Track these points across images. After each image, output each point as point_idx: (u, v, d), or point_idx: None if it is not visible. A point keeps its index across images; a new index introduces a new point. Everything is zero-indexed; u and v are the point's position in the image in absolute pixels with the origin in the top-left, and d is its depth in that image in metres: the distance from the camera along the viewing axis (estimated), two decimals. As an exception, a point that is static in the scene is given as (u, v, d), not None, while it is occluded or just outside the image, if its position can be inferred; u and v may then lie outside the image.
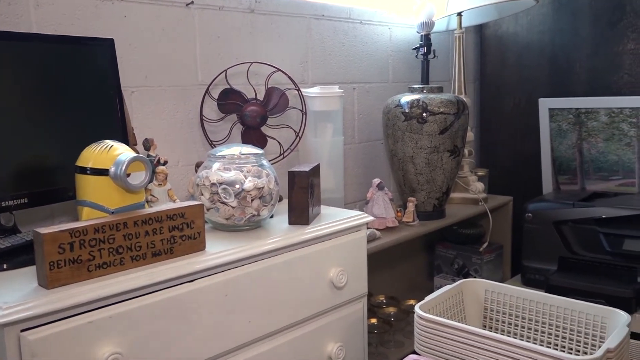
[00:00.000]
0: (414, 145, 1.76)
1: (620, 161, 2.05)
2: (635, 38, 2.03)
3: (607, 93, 2.09)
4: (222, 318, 1.08)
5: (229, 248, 1.11)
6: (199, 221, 1.07)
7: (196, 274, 1.03)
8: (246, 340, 1.13)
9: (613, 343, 1.08)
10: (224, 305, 1.08)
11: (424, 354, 1.23)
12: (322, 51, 1.80)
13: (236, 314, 1.10)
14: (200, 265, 1.03)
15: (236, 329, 1.11)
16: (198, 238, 1.08)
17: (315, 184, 1.34)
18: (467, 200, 2.06)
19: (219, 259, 1.06)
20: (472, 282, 1.45)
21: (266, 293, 1.16)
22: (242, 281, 1.11)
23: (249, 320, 1.13)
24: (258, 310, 1.14)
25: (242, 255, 1.10)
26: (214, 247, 1.11)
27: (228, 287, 1.09)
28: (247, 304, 1.12)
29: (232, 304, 1.09)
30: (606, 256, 1.81)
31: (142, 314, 0.95)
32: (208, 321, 1.06)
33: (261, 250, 1.14)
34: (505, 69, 2.37)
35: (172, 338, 1.00)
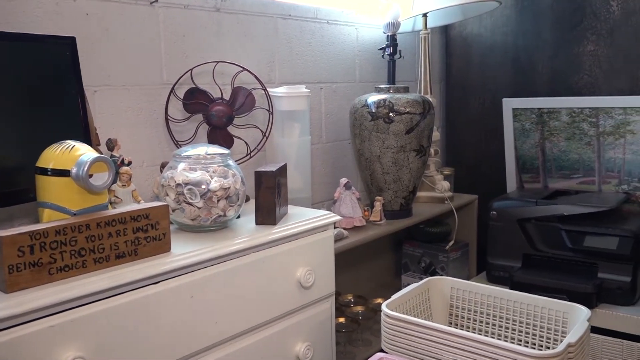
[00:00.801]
0: (380, 145, 1.78)
1: (581, 160, 2.10)
2: (594, 40, 2.09)
3: (568, 93, 2.14)
4: (188, 320, 1.07)
5: (195, 249, 1.10)
6: (164, 222, 1.06)
7: (161, 276, 1.02)
8: (213, 341, 1.12)
9: (574, 338, 1.11)
10: (190, 306, 1.07)
11: (391, 352, 1.24)
12: (289, 51, 1.80)
13: (202, 316, 1.09)
14: (165, 267, 1.02)
15: (202, 331, 1.10)
16: (163, 239, 1.06)
17: (282, 183, 1.34)
18: (434, 199, 2.08)
19: (184, 260, 1.05)
20: (438, 279, 1.47)
21: (233, 294, 1.15)
22: (208, 282, 1.10)
23: (216, 322, 1.12)
24: (225, 311, 1.14)
25: (208, 256, 1.09)
26: (179, 249, 1.09)
27: (194, 289, 1.08)
28: (214, 305, 1.11)
29: (198, 306, 1.08)
30: (568, 253, 1.85)
31: (105, 317, 0.94)
32: (174, 323, 1.04)
33: (228, 250, 1.14)
34: (470, 69, 2.41)
35: (137, 341, 0.98)
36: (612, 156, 2.03)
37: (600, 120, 2.02)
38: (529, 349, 1.06)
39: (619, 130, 1.99)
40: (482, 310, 1.43)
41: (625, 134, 1.98)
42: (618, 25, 2.03)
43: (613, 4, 2.04)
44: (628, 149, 1.99)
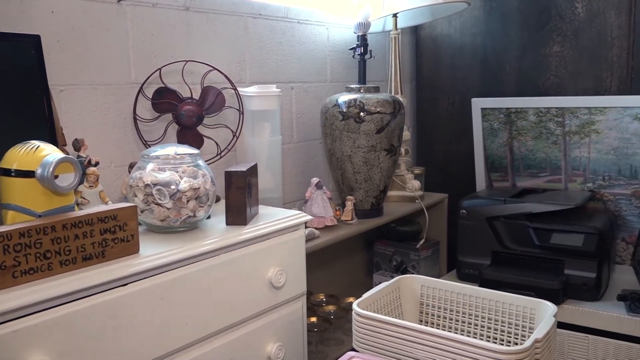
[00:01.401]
0: (351, 145, 1.78)
1: (548, 158, 2.14)
2: (560, 41, 2.13)
3: (535, 93, 2.18)
4: (158, 322, 1.06)
5: (164, 250, 1.09)
6: (132, 223, 1.05)
7: (130, 278, 1.01)
8: (183, 343, 1.11)
9: (541, 333, 1.13)
10: (160, 308, 1.06)
11: (362, 350, 1.25)
12: (259, 50, 1.80)
13: (173, 317, 1.08)
14: (133, 269, 1.01)
15: (173, 333, 1.09)
16: (131, 241, 1.05)
17: (252, 183, 1.33)
18: (404, 198, 2.10)
19: (153, 262, 1.04)
20: (409, 278, 1.48)
21: (204, 295, 1.14)
22: (178, 283, 1.09)
23: (186, 323, 1.11)
24: (195, 312, 1.13)
25: (177, 257, 1.08)
26: (148, 250, 1.08)
27: (164, 290, 1.06)
28: (184, 306, 1.10)
29: (168, 307, 1.07)
30: (535, 250, 1.88)
31: (72, 320, 0.92)
32: (143, 326, 1.03)
33: (198, 251, 1.13)
34: (440, 69, 2.43)
35: (105, 345, 0.97)
36: (578, 155, 2.07)
37: (566, 120, 2.07)
38: (497, 345, 1.08)
39: (584, 130, 2.04)
40: (452, 307, 1.44)
41: (590, 133, 2.03)
42: (583, 27, 2.08)
43: (578, 6, 2.08)
44: (593, 148, 2.04)
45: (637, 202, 1.98)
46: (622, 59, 2.02)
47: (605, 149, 2.01)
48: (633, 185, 1.98)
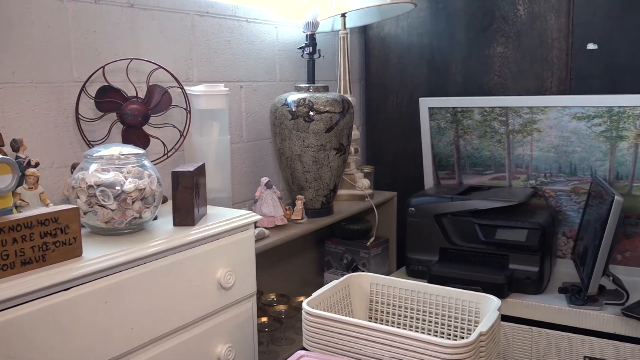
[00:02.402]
0: (301, 144, 1.78)
1: (493, 157, 2.20)
2: (503, 42, 2.19)
3: (480, 93, 2.24)
4: (102, 326, 1.03)
5: (109, 253, 1.06)
6: (75, 226, 1.02)
7: (71, 282, 0.98)
8: (130, 347, 1.09)
9: (485, 326, 1.16)
10: (104, 312, 1.03)
11: (313, 349, 1.25)
12: (207, 49, 1.77)
13: (118, 321, 1.06)
14: (76, 273, 0.98)
15: (118, 337, 1.06)
16: (74, 244, 1.02)
17: (200, 183, 1.32)
18: (354, 197, 2.12)
19: (96, 265, 1.02)
20: (358, 276, 1.49)
21: (150, 297, 1.12)
22: (123, 286, 1.07)
23: (132, 327, 1.09)
24: (142, 315, 1.11)
25: (122, 259, 1.06)
26: (92, 253, 1.06)
27: (108, 294, 1.04)
28: (130, 310, 1.08)
29: (113, 311, 1.05)
30: (481, 245, 1.93)
31: (11, 327, 0.89)
32: (87, 331, 1.00)
33: (144, 253, 1.11)
34: (388, 69, 2.46)
35: (46, 352, 0.94)
36: (521, 153, 2.14)
37: (510, 119, 2.13)
38: (443, 340, 1.10)
39: (527, 129, 2.10)
40: (401, 304, 1.47)
41: (532, 132, 2.10)
42: (525, 29, 2.14)
43: (520, 9, 2.14)
44: (535, 146, 2.10)
45: (577, 197, 2.06)
46: (561, 60, 2.10)
47: (546, 147, 2.08)
48: (572, 181, 2.06)
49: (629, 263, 2.00)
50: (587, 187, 2.03)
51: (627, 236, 2.00)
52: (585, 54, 2.04)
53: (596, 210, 1.78)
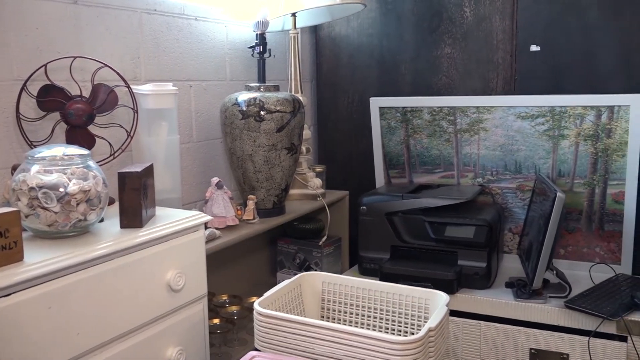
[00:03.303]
0: (252, 144, 1.78)
1: (442, 155, 2.24)
2: (451, 43, 2.24)
3: (429, 93, 2.28)
4: (46, 333, 1.00)
5: (52, 257, 1.03)
6: (15, 229, 0.99)
7: (12, 288, 0.94)
8: (75, 354, 1.06)
9: (434, 322, 1.18)
10: (48, 318, 1.00)
11: (265, 349, 1.25)
12: (155, 47, 1.74)
13: (62, 327, 1.03)
14: (17, 278, 0.95)
15: (63, 343, 1.03)
16: (14, 248, 0.99)
17: (148, 184, 1.29)
18: (306, 196, 2.12)
19: (39, 270, 0.98)
20: (310, 275, 1.50)
21: (97, 302, 1.09)
22: (68, 291, 1.04)
23: (78, 332, 1.06)
24: (88, 320, 1.08)
25: (66, 263, 1.03)
26: (34, 257, 1.02)
27: (52, 299, 1.01)
28: (75, 315, 1.05)
29: (57, 317, 1.02)
30: (431, 243, 1.97)
31: (-54, 336, 0.85)
32: (30, 338, 0.97)
33: (89, 257, 1.08)
34: (339, 69, 2.48)
35: (-15, 360, 0.91)
36: (469, 152, 2.19)
37: (457, 119, 2.17)
38: (393, 336, 1.12)
39: (474, 128, 2.15)
40: (353, 302, 1.48)
41: (479, 131, 2.15)
42: (471, 31, 2.20)
43: (466, 10, 2.19)
44: (482, 144, 2.16)
45: (522, 195, 2.13)
46: (506, 61, 2.15)
47: (492, 146, 2.14)
48: (518, 179, 2.12)
49: (571, 257, 2.08)
50: (531, 185, 2.09)
51: (569, 231, 2.07)
52: (528, 56, 2.11)
53: (540, 206, 1.84)
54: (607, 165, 1.97)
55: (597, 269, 2.00)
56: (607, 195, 1.99)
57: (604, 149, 1.97)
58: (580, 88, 2.02)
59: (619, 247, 2.00)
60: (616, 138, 1.94)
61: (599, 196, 2.00)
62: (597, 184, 2.00)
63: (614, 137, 1.94)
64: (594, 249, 2.04)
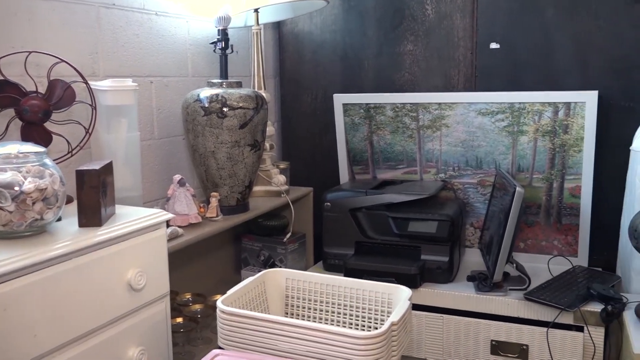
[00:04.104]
0: (214, 140, 1.76)
1: (405, 151, 2.26)
2: (413, 40, 2.26)
3: (392, 90, 2.29)
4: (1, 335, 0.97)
5: (7, 257, 1.00)
6: (-33, 230, 0.95)
7: (-36, 290, 0.92)
8: (32, 356, 1.03)
9: (396, 316, 1.20)
10: (4, 321, 0.98)
11: (228, 347, 1.24)
12: (114, 42, 1.71)
13: (19, 330, 1.00)
14: (-31, 279, 0.92)
15: (19, 345, 1.01)
16: (-34, 249, 0.96)
17: (108, 182, 1.27)
18: (270, 193, 2.12)
19: (-7, 271, 0.96)
20: (273, 272, 1.50)
21: (55, 303, 1.07)
22: (24, 293, 1.01)
23: (35, 335, 1.03)
24: (46, 322, 1.05)
25: (22, 264, 1.00)
26: (-13, 258, 0.99)
27: (7, 301, 0.98)
28: (32, 316, 1.03)
29: (13, 319, 0.99)
30: (395, 238, 1.99)
31: None
32: (-18, 340, 0.95)
33: (46, 257, 1.05)
34: (302, 65, 2.47)
35: None
36: (431, 148, 2.21)
37: (420, 115, 2.20)
38: (356, 331, 1.13)
39: (436, 124, 2.18)
40: (317, 298, 1.48)
41: (441, 127, 2.18)
42: (433, 28, 2.22)
43: (428, 8, 2.22)
44: (444, 141, 2.19)
45: (483, 190, 2.16)
46: (467, 58, 2.19)
47: (454, 142, 2.17)
48: (479, 174, 2.16)
49: (530, 250, 2.13)
50: (492, 180, 2.13)
51: (528, 225, 2.12)
52: (488, 53, 2.15)
53: (500, 201, 1.88)
54: (564, 160, 2.02)
55: (555, 261, 2.05)
56: (564, 189, 2.04)
57: (561, 144, 2.02)
58: (539, 85, 2.07)
59: (576, 240, 2.06)
60: (572, 134, 1.99)
61: (557, 190, 2.06)
62: (555, 178, 2.05)
63: (570, 132, 1.99)
64: (552, 242, 2.10)
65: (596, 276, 1.92)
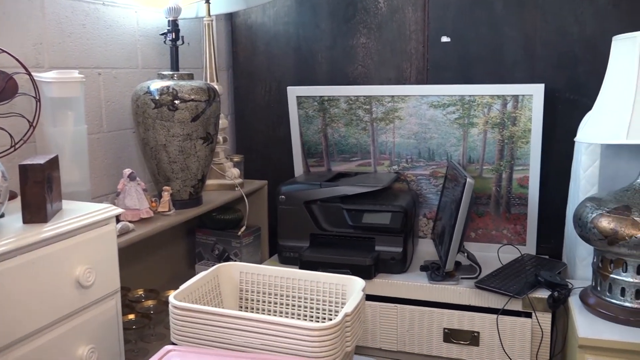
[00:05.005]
0: (166, 133, 1.73)
1: (359, 144, 2.28)
2: (366, 33, 2.27)
3: (346, 82, 2.30)
4: (-61, 337, 0.93)
5: (-55, 256, 0.96)
6: None
7: None
8: (-26, 358, 1.00)
9: (350, 307, 1.20)
10: (-59, 322, 0.94)
11: (181, 343, 1.23)
12: (59, 33, 1.66)
13: (-42, 330, 0.97)
14: None
15: (-41, 347, 0.97)
16: None
17: (53, 177, 1.23)
18: (224, 186, 2.10)
19: None
20: (227, 265, 1.48)
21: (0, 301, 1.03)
22: (-36, 292, 0.97)
23: (-23, 335, 1.00)
24: (-13, 322, 1.02)
25: (-39, 262, 0.97)
26: None
27: (-55, 301, 0.94)
28: (-27, 317, 0.99)
29: (-48, 320, 0.95)
30: (349, 230, 2.00)
31: None
32: None
33: (-12, 254, 1.02)
34: (256, 57, 2.45)
35: None
36: (384, 140, 2.23)
37: (373, 108, 2.21)
38: (309, 323, 1.13)
39: (389, 117, 2.20)
40: (271, 291, 1.48)
41: (394, 119, 2.20)
42: (385, 21, 2.24)
43: (380, 1, 2.23)
44: (397, 133, 2.21)
45: (435, 181, 2.20)
46: (419, 51, 2.21)
47: (407, 134, 2.19)
48: (431, 166, 2.19)
49: (481, 240, 2.18)
50: (443, 171, 2.17)
51: (479, 215, 2.17)
52: (440, 46, 2.18)
53: (452, 192, 1.91)
54: (513, 152, 2.08)
55: (505, 250, 2.11)
56: (513, 180, 2.10)
57: (509, 136, 2.07)
58: (488, 78, 2.12)
59: (524, 229, 2.12)
60: (520, 126, 2.04)
61: (506, 181, 2.11)
62: (504, 169, 2.10)
63: (518, 124, 2.04)
64: (502, 232, 2.15)
65: (543, 264, 1.98)
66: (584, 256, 1.81)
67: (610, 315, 1.54)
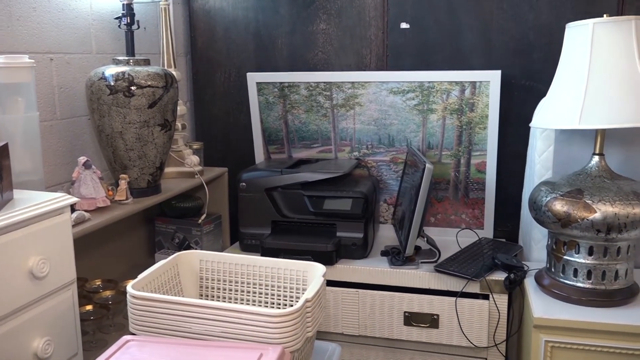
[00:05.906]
0: (122, 120, 1.69)
1: (319, 130, 2.28)
2: (326, 19, 2.26)
3: (306, 68, 2.29)
4: None
5: None
6: None
7: None
8: None
9: (310, 293, 1.21)
10: None
11: (140, 332, 1.21)
12: (7, 16, 1.59)
13: None
14: None
15: None
16: None
17: (3, 166, 1.19)
18: (183, 174, 2.07)
19: None
20: (186, 254, 1.47)
21: (-55, 295, 1.00)
22: None
23: None
24: None
25: None
26: None
27: None
28: None
29: None
30: (311, 216, 2.00)
31: None
32: None
33: None
34: (215, 43, 2.42)
35: None
36: (345, 126, 2.24)
37: (334, 94, 2.21)
38: (271, 309, 1.13)
39: (349, 103, 2.20)
40: (232, 278, 1.47)
41: (354, 106, 2.20)
42: (345, 7, 2.23)
43: (340, -14, 2.22)
44: (357, 119, 2.22)
45: (395, 167, 2.22)
46: (378, 37, 2.22)
47: (367, 120, 2.20)
48: (391, 152, 2.21)
49: (440, 224, 2.22)
50: (403, 157, 2.19)
51: (438, 200, 2.20)
52: (399, 33, 2.18)
53: (411, 178, 1.93)
54: (471, 137, 2.11)
55: (463, 234, 2.15)
56: (471, 165, 2.13)
57: (467, 122, 2.10)
58: (446, 64, 2.14)
59: (482, 213, 2.16)
60: (478, 112, 2.07)
61: (464, 166, 2.14)
62: (462, 155, 2.13)
63: (476, 110, 2.07)
64: (460, 216, 2.19)
65: (500, 247, 2.02)
66: (539, 239, 1.86)
67: (563, 295, 1.58)
